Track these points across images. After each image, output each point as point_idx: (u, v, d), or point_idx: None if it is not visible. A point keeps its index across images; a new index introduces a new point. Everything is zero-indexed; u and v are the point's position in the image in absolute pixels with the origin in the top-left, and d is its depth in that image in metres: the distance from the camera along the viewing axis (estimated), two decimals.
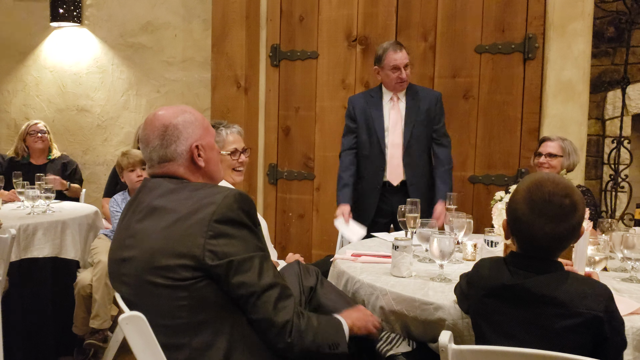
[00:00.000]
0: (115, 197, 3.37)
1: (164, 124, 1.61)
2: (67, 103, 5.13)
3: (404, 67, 3.15)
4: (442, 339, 1.30)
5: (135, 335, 1.39)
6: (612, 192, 3.99)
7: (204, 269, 1.44)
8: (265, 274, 1.50)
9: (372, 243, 2.66)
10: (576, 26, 3.54)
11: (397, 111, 3.22)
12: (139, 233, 1.54)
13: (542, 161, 3.08)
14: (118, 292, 1.60)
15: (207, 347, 1.47)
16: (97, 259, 3.16)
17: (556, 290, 1.36)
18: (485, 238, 2.09)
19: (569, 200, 1.41)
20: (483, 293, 1.48)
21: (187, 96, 4.81)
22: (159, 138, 1.61)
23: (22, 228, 2.93)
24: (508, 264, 1.48)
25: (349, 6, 4.02)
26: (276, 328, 1.49)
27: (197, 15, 4.71)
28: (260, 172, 4.32)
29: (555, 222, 1.40)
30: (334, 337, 1.61)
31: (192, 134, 1.64)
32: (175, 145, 1.61)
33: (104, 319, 3.11)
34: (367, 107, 3.27)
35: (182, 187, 1.58)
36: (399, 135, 3.20)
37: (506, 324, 1.42)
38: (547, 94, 3.62)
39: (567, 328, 1.34)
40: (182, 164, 1.63)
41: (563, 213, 1.40)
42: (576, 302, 1.34)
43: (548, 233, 1.40)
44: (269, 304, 1.48)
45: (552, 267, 1.44)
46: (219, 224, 1.46)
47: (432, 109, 3.24)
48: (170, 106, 1.69)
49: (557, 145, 3.10)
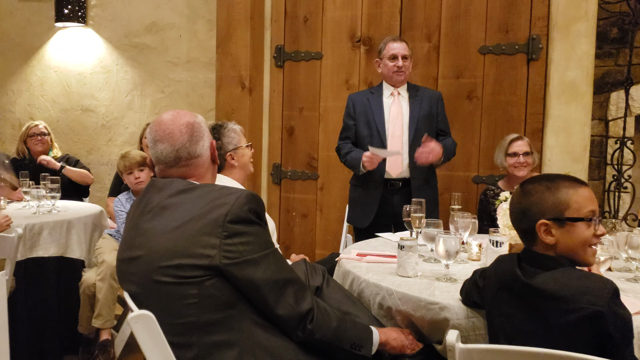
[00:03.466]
0: (119, 197, 3.39)
1: (189, 122, 1.65)
2: (72, 103, 5.14)
3: (403, 57, 3.18)
4: (450, 338, 1.31)
5: (144, 334, 1.40)
6: (615, 193, 3.99)
7: (217, 269, 1.45)
8: (283, 269, 1.55)
9: (377, 243, 2.66)
10: (580, 27, 3.54)
11: (397, 104, 3.23)
12: (148, 232, 1.55)
13: (522, 161, 3.14)
14: (126, 291, 1.60)
15: (216, 347, 1.48)
16: (101, 259, 3.17)
17: (560, 286, 1.39)
18: (491, 238, 2.09)
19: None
20: (497, 286, 1.54)
21: (191, 97, 4.82)
22: (188, 134, 1.64)
23: (27, 227, 2.95)
24: (521, 260, 1.53)
25: (353, 7, 4.04)
26: (298, 317, 1.53)
27: (202, 15, 4.72)
28: (264, 172, 4.34)
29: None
30: (358, 339, 1.64)
31: (208, 134, 1.71)
32: (202, 142, 1.67)
33: (107, 318, 3.12)
34: (367, 102, 3.28)
35: (192, 188, 1.59)
36: (399, 127, 3.20)
37: (515, 318, 1.46)
38: (551, 95, 3.62)
39: (569, 323, 1.36)
40: (205, 161, 1.68)
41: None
42: (578, 297, 1.35)
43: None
44: (290, 297, 1.52)
45: (559, 264, 1.47)
46: (233, 224, 1.47)
47: (433, 107, 3.26)
48: (174, 110, 1.71)
49: (527, 143, 3.21)
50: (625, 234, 2.01)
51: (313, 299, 1.58)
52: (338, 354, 1.62)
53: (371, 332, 1.68)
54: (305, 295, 1.56)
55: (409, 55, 3.22)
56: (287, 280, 1.54)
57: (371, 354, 1.66)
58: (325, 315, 1.58)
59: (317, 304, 1.59)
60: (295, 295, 1.53)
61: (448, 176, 3.77)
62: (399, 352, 1.74)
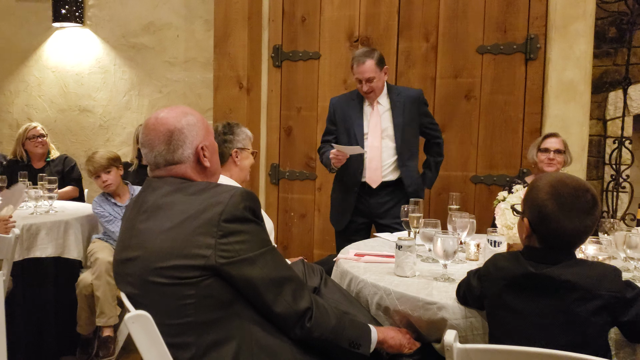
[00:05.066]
0: (95, 199, 3.34)
1: (169, 129, 1.59)
2: (69, 103, 5.13)
3: (367, 80, 3.13)
4: (448, 338, 1.31)
5: (141, 334, 1.40)
6: (613, 193, 3.99)
7: (213, 268, 1.44)
8: (280, 267, 1.54)
9: (375, 243, 2.66)
10: (578, 27, 3.54)
11: (376, 115, 3.21)
12: (143, 233, 1.54)
13: (552, 157, 3.12)
14: (123, 292, 1.60)
15: (214, 346, 1.47)
16: (94, 258, 3.15)
17: (576, 276, 1.44)
18: (489, 238, 2.09)
19: (590, 194, 1.50)
20: (504, 283, 1.54)
21: (189, 97, 4.81)
22: (165, 143, 1.59)
23: (25, 228, 2.94)
24: (525, 257, 1.54)
25: (351, 7, 4.03)
26: (296, 316, 1.52)
27: (200, 15, 4.71)
28: (262, 172, 4.33)
29: (583, 216, 1.49)
30: (357, 337, 1.64)
31: (197, 136, 1.63)
32: (182, 149, 1.61)
33: (109, 315, 3.10)
34: (347, 110, 3.28)
35: (186, 186, 1.58)
36: (377, 139, 3.19)
37: (530, 313, 1.47)
38: (549, 95, 3.62)
39: (589, 311, 1.41)
40: (189, 166, 1.63)
41: (589, 207, 1.49)
42: (596, 284, 1.42)
43: (577, 227, 1.49)
44: (288, 295, 1.52)
45: (567, 257, 1.50)
46: (228, 222, 1.46)
47: (415, 109, 3.23)
48: (171, 107, 1.66)
49: (561, 141, 3.18)
50: (623, 234, 2.01)
51: (311, 297, 1.58)
52: (336, 353, 1.62)
53: (369, 331, 1.68)
54: (303, 293, 1.55)
55: (374, 77, 3.12)
56: (284, 278, 1.53)
57: (369, 353, 1.66)
58: (324, 313, 1.58)
59: (316, 302, 1.58)
60: (293, 293, 1.53)
61: (446, 176, 3.76)
62: (396, 351, 1.75)
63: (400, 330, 1.79)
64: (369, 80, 3.13)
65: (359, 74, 3.14)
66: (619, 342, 1.53)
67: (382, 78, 3.19)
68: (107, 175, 3.27)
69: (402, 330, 1.79)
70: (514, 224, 2.13)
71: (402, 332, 1.78)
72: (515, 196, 2.21)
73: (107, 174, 3.26)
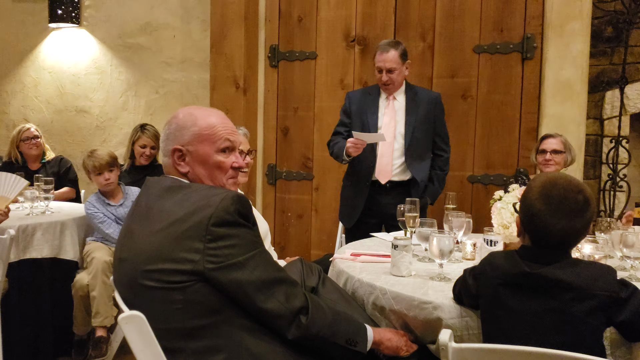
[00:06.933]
0: (89, 200, 3.31)
1: (171, 119, 1.67)
2: (66, 104, 5.12)
3: (387, 71, 3.13)
4: (443, 337, 1.30)
5: (135, 335, 1.39)
6: (610, 192, 4.00)
7: (201, 274, 1.42)
8: (270, 269, 1.52)
9: (372, 243, 2.65)
10: (574, 26, 3.54)
11: (391, 110, 3.22)
12: (134, 234, 1.54)
13: (548, 158, 3.12)
14: (118, 292, 1.59)
15: (204, 353, 1.44)
16: (90, 258, 3.14)
17: (571, 275, 1.43)
18: (485, 237, 2.09)
19: (582, 196, 1.48)
20: (499, 282, 1.52)
21: (186, 97, 4.81)
22: (164, 131, 1.67)
23: (21, 229, 2.93)
24: (521, 256, 1.53)
25: (348, 6, 4.03)
26: (292, 314, 1.50)
27: (196, 16, 4.71)
28: (259, 172, 4.32)
29: (571, 217, 1.47)
30: (354, 334, 1.63)
31: (179, 137, 1.63)
32: (165, 143, 1.66)
33: (105, 315, 3.08)
34: (363, 104, 3.27)
35: (177, 187, 1.57)
36: (391, 134, 3.19)
37: (524, 312, 1.47)
38: (546, 94, 3.62)
39: (584, 311, 1.41)
40: (170, 164, 1.65)
41: (578, 208, 1.47)
42: (590, 284, 1.41)
43: (564, 228, 1.47)
44: (281, 295, 1.49)
45: (562, 257, 1.49)
46: (217, 227, 1.44)
47: (431, 111, 3.23)
48: (202, 107, 1.73)
49: (559, 142, 3.16)
50: (620, 233, 2.01)
51: (306, 295, 1.56)
52: (333, 352, 1.59)
53: (365, 329, 1.67)
54: (296, 292, 1.53)
55: (395, 68, 3.13)
56: (275, 280, 1.50)
57: (366, 350, 1.65)
58: (320, 310, 1.56)
59: (312, 299, 1.57)
60: (285, 294, 1.50)
61: None
62: (393, 353, 1.73)
63: (397, 332, 1.77)
64: (390, 70, 3.13)
65: (380, 62, 3.13)
66: (614, 341, 1.52)
67: (403, 72, 3.19)
68: (109, 174, 3.26)
69: (400, 332, 1.78)
70: (510, 223, 2.13)
71: (399, 334, 1.76)
72: (511, 195, 2.21)
73: (110, 172, 3.26)
